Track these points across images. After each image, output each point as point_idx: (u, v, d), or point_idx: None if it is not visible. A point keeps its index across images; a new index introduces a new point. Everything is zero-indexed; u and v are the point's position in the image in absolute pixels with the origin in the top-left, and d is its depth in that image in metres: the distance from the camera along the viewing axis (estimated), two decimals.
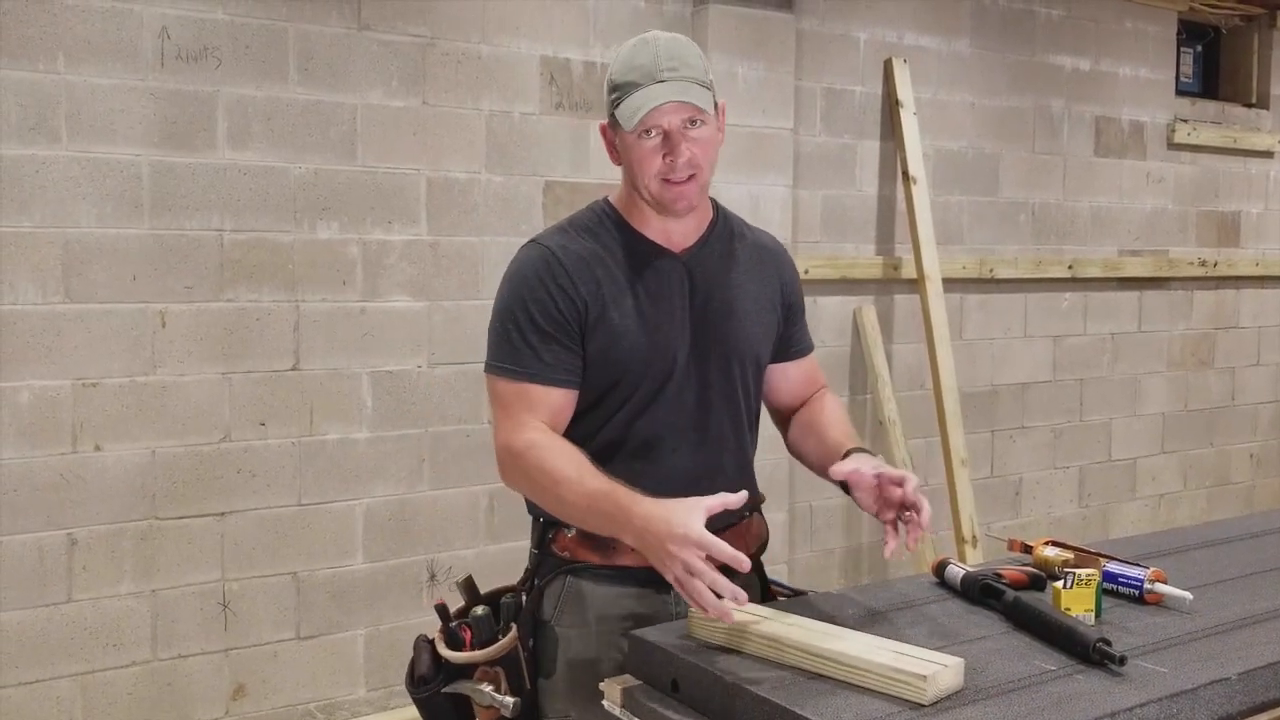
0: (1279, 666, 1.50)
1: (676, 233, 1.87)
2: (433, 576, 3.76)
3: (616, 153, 1.84)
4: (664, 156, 1.76)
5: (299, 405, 3.53)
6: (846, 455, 1.81)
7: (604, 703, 1.61)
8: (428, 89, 3.68)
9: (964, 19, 4.84)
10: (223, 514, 3.44)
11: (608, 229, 1.87)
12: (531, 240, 1.89)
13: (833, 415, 1.98)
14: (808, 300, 4.50)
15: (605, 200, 1.92)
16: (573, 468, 1.71)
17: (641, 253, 1.85)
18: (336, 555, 3.62)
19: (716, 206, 1.96)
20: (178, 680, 3.39)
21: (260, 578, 3.50)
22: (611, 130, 1.82)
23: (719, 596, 1.51)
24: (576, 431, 1.84)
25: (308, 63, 3.48)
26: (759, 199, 4.19)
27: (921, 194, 4.56)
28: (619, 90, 1.76)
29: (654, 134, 1.75)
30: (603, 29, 3.96)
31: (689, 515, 1.54)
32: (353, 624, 3.66)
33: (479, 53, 3.76)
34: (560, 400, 1.80)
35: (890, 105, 4.62)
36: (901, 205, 4.66)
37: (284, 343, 3.50)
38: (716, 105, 1.82)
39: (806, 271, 4.38)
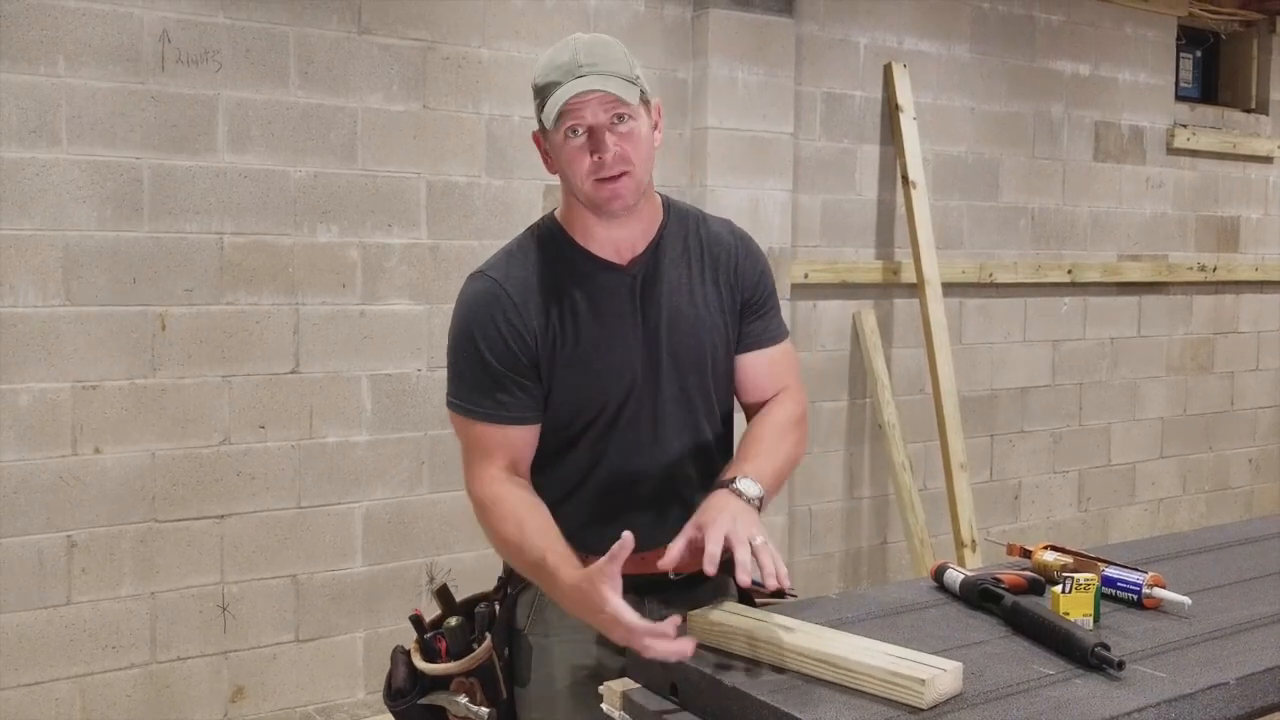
0: (1277, 671, 1.50)
1: (624, 243, 1.81)
2: (432, 579, 3.76)
3: (551, 160, 1.79)
4: (592, 154, 1.70)
5: (298, 408, 3.53)
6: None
7: (603, 706, 1.62)
8: (428, 93, 3.68)
9: (964, 24, 4.85)
10: (222, 516, 3.44)
11: (553, 248, 1.82)
12: (477, 271, 1.83)
13: (756, 430, 1.87)
14: (808, 304, 4.55)
15: (551, 216, 1.87)
16: (518, 533, 1.70)
17: (589, 271, 1.80)
18: (335, 558, 3.62)
19: (667, 206, 1.89)
20: (177, 682, 3.39)
21: (259, 580, 3.50)
22: (543, 137, 1.78)
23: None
24: (541, 457, 1.83)
25: (308, 66, 3.49)
26: (759, 203, 4.20)
27: (921, 198, 4.56)
28: (541, 93, 1.72)
29: (579, 132, 1.70)
30: (602, 33, 3.96)
31: (602, 595, 1.52)
32: (352, 626, 3.66)
33: (479, 57, 3.76)
34: (519, 438, 1.78)
35: (890, 110, 4.62)
36: (901, 210, 4.66)
37: (284, 346, 3.50)
38: (650, 104, 1.78)
39: (806, 276, 4.39)
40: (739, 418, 1.98)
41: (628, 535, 1.51)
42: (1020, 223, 5.08)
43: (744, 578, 1.54)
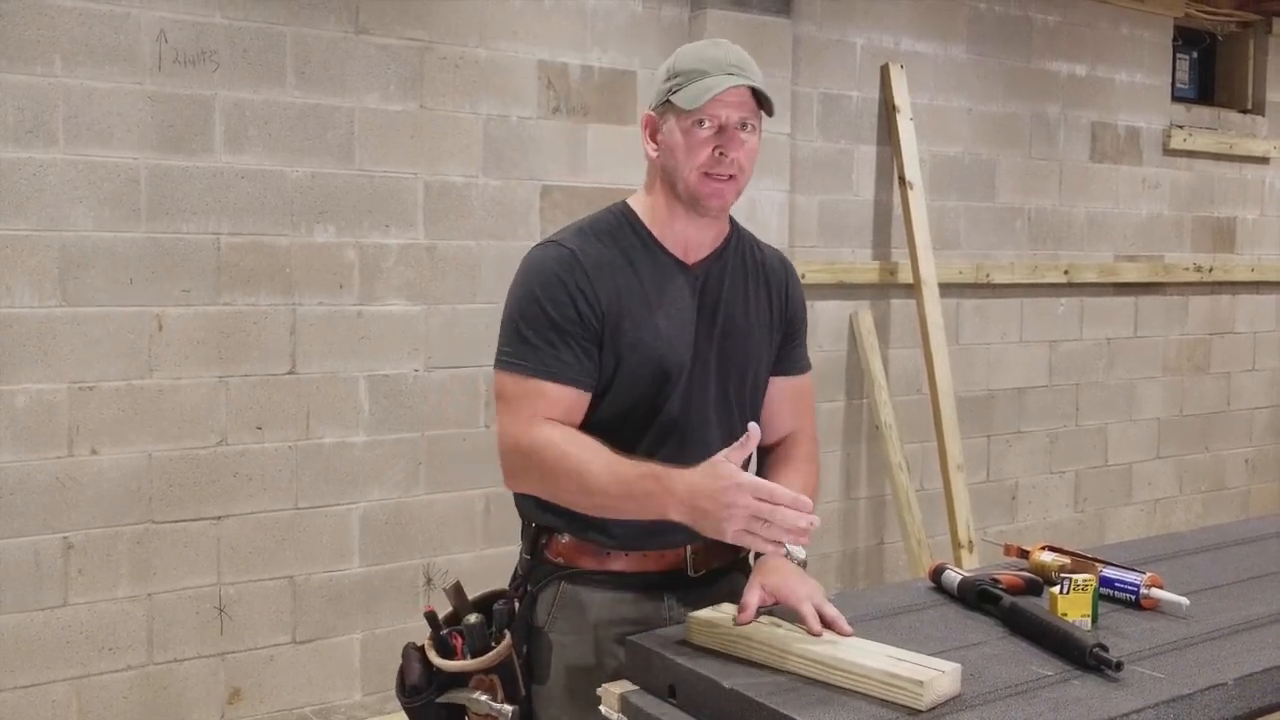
0: (1275, 672, 1.51)
1: (693, 245, 1.85)
2: (429, 580, 3.76)
3: (655, 144, 1.81)
4: (714, 149, 1.74)
5: (295, 409, 3.53)
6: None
7: (601, 708, 1.61)
8: (425, 93, 3.68)
9: (960, 25, 4.85)
10: (219, 518, 3.44)
11: (626, 235, 1.84)
12: (550, 240, 1.85)
13: (786, 481, 1.87)
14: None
15: (624, 204, 1.89)
16: (598, 455, 1.68)
17: (658, 263, 1.83)
18: (332, 559, 3.61)
19: (733, 224, 1.95)
20: (174, 684, 3.39)
21: (256, 581, 3.50)
22: (659, 118, 1.80)
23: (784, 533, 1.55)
24: None
25: (305, 66, 3.48)
26: (756, 204, 4.19)
27: (918, 199, 4.56)
28: (683, 75, 1.75)
29: (708, 124, 1.74)
30: (600, 33, 3.96)
31: (727, 467, 1.54)
32: (349, 628, 3.65)
33: (476, 57, 3.76)
34: (573, 400, 1.76)
35: (887, 110, 4.62)
36: (898, 210, 4.66)
37: (281, 346, 3.50)
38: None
39: (804, 276, 4.38)
40: None
41: (753, 426, 1.57)
42: (1017, 223, 5.09)
43: (819, 629, 1.59)
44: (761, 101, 1.77)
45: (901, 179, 4.58)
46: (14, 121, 3.10)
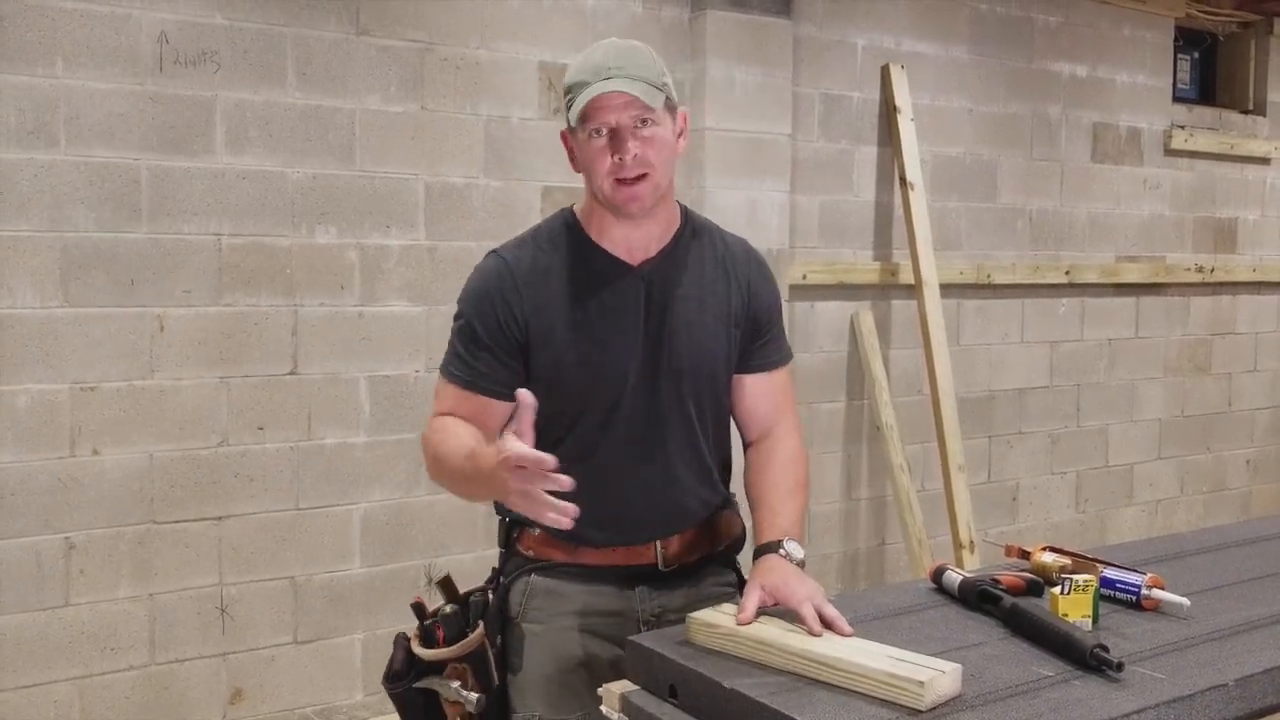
0: (1276, 673, 1.51)
1: (638, 243, 1.83)
2: (430, 580, 3.76)
3: (576, 160, 1.82)
4: (613, 155, 1.73)
5: (297, 409, 3.53)
6: (757, 554, 1.78)
7: (602, 708, 1.62)
8: (426, 94, 3.68)
9: (962, 25, 4.85)
10: (220, 518, 3.44)
11: (568, 240, 1.85)
12: (492, 250, 1.88)
13: (774, 479, 1.89)
14: (805, 305, 4.55)
15: (570, 210, 1.90)
16: (453, 444, 1.72)
17: (598, 267, 1.83)
18: (334, 559, 3.62)
19: (685, 214, 1.92)
20: (175, 684, 3.39)
21: (258, 582, 3.50)
22: (570, 136, 1.81)
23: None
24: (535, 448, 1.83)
25: (306, 68, 3.49)
26: (757, 204, 4.20)
27: (919, 199, 4.56)
28: (571, 90, 1.75)
29: (603, 132, 1.73)
30: (600, 34, 3.95)
31: (501, 443, 1.51)
32: (350, 628, 3.66)
33: (477, 58, 3.76)
34: (481, 408, 1.79)
35: (888, 111, 4.62)
36: (899, 211, 4.66)
37: (282, 347, 3.50)
38: (675, 111, 1.80)
39: (804, 277, 4.39)
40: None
41: (525, 394, 1.50)
42: (1018, 224, 5.09)
43: (819, 630, 1.58)
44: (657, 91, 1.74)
45: (902, 179, 4.58)
46: (16, 123, 3.11)
